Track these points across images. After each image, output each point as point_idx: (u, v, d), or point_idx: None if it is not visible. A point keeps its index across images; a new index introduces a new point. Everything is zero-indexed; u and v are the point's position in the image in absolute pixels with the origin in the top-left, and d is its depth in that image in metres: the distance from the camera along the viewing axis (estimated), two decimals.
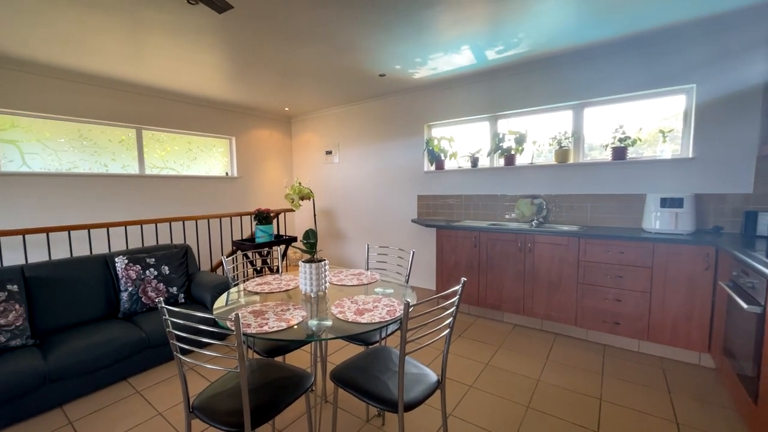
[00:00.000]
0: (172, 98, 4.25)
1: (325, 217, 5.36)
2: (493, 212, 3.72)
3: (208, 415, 1.30)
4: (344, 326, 1.43)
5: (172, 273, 2.80)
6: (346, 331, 1.41)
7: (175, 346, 1.29)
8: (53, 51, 2.88)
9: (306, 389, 1.45)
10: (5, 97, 3.15)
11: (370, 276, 2.16)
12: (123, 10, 2.26)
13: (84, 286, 2.49)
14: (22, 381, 1.85)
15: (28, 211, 3.29)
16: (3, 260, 2.87)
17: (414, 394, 1.39)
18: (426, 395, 1.39)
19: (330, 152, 5.20)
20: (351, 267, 5.08)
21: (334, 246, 5.30)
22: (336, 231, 5.24)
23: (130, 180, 3.97)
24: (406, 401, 1.33)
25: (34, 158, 3.45)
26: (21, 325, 2.12)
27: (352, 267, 5.08)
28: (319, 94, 4.34)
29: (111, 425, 1.85)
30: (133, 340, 2.28)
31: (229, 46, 2.84)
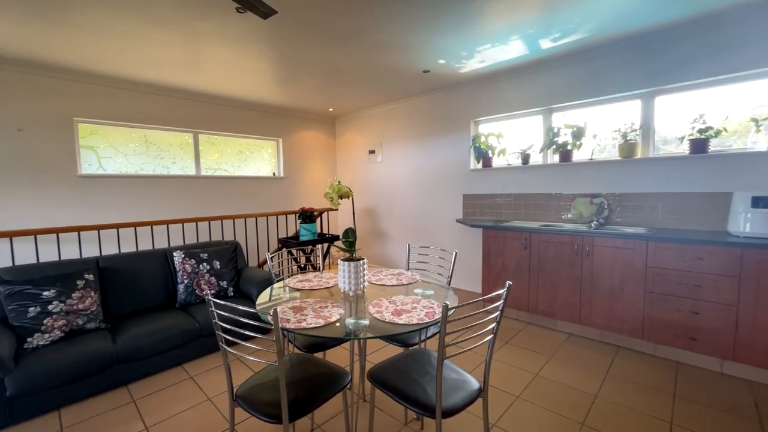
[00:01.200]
0: (224, 103, 4.58)
1: (368, 216, 5.44)
2: (545, 212, 3.50)
3: (250, 404, 1.37)
4: (381, 326, 1.43)
5: (223, 268, 3.01)
6: (382, 331, 1.41)
7: (220, 337, 1.38)
8: (123, 65, 3.24)
9: (342, 387, 1.47)
10: (87, 109, 3.62)
11: (410, 276, 2.14)
12: (179, 24, 2.48)
13: (147, 277, 2.77)
14: (96, 360, 2.11)
15: (103, 208, 3.75)
16: (82, 252, 3.28)
17: (453, 400, 1.34)
18: (466, 402, 1.34)
19: (373, 151, 5.26)
20: (393, 267, 5.10)
21: (376, 246, 5.36)
22: (378, 231, 5.29)
23: (188, 180, 4.35)
24: (445, 407, 1.30)
25: (109, 162, 3.91)
26: (95, 310, 2.41)
27: (394, 267, 5.10)
28: (363, 94, 4.40)
29: (167, 406, 2.04)
30: (189, 328, 2.49)
31: (275, 51, 2.99)
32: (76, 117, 3.57)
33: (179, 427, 1.85)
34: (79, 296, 2.35)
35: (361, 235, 5.58)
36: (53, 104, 3.42)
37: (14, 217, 3.26)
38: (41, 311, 2.19)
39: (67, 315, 2.26)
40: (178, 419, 1.92)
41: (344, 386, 1.48)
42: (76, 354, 2.06)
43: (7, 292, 2.17)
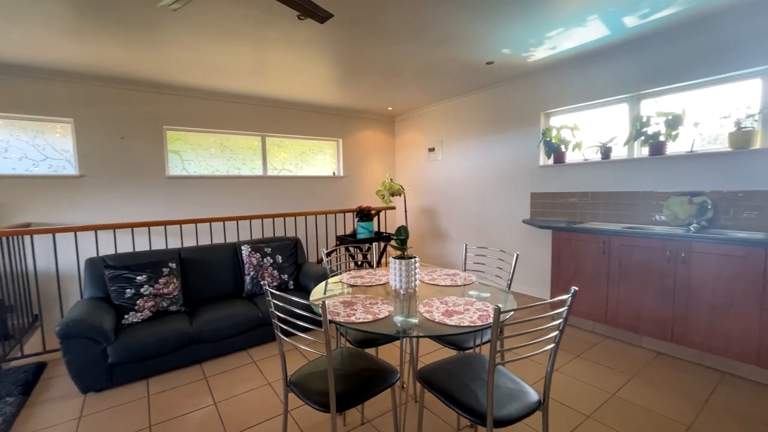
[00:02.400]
0: (288, 107, 4.94)
1: (426, 216, 5.42)
2: (629, 213, 3.14)
3: (302, 391, 1.46)
4: (430, 326, 1.42)
5: (284, 262, 3.25)
6: (431, 331, 1.40)
7: (276, 325, 1.50)
8: (200, 76, 3.67)
9: (390, 384, 1.49)
10: (173, 118, 4.18)
11: (465, 277, 2.09)
12: (248, 35, 2.74)
13: (219, 268, 3.11)
14: (176, 338, 2.43)
15: (185, 205, 4.29)
16: (167, 243, 3.79)
17: (507, 410, 1.28)
18: (522, 414, 1.27)
19: (433, 149, 5.23)
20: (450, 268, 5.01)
21: (434, 245, 5.32)
22: (437, 230, 5.25)
23: (256, 180, 4.78)
24: (497, 416, 1.24)
25: (190, 164, 4.46)
26: (177, 295, 2.78)
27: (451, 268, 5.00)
28: (422, 91, 4.40)
29: (233, 386, 2.27)
30: (253, 317, 2.74)
31: (334, 54, 3.14)
32: (165, 125, 4.14)
33: (242, 407, 2.05)
34: (164, 282, 2.72)
35: (418, 234, 5.58)
36: (147, 115, 4.02)
37: (116, 212, 3.90)
38: (135, 293, 2.58)
39: (154, 297, 2.65)
40: (241, 399, 2.13)
41: (392, 383, 1.50)
42: (161, 332, 2.40)
43: (110, 275, 2.60)
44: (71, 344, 2.12)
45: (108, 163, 3.83)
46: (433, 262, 5.32)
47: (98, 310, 2.36)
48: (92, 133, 3.74)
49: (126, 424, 1.93)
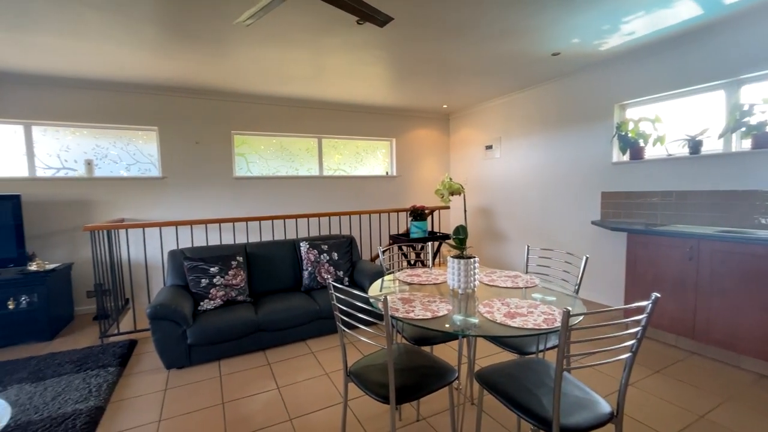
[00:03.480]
0: (344, 109, 5.14)
1: (483, 215, 5.30)
2: (726, 215, 2.80)
3: (362, 382, 1.53)
4: (491, 326, 1.41)
5: (340, 259, 3.40)
6: (492, 332, 1.38)
7: (338, 317, 1.59)
8: (263, 84, 3.97)
9: (449, 382, 1.50)
10: (240, 123, 4.57)
11: (527, 280, 2.02)
12: (308, 42, 2.91)
13: (280, 263, 3.34)
14: (244, 326, 2.67)
15: (250, 203, 4.66)
16: (235, 238, 4.16)
17: (575, 419, 1.23)
18: (591, 425, 1.21)
19: (490, 147, 5.10)
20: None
21: (492, 247, 5.18)
22: (495, 231, 5.10)
23: (312, 180, 5.04)
24: (564, 424, 1.20)
25: (254, 166, 4.84)
26: (244, 287, 3.04)
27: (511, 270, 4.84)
28: (480, 87, 4.32)
29: (293, 373, 2.44)
30: (311, 309, 2.91)
31: (391, 54, 3.21)
32: (233, 130, 4.55)
33: (301, 393, 2.20)
34: (233, 274, 3.00)
35: (474, 235, 5.47)
36: (217, 121, 4.44)
37: (191, 209, 4.36)
38: (209, 283, 2.88)
39: (225, 288, 2.93)
40: (301, 386, 2.28)
41: (450, 381, 1.51)
42: (231, 319, 2.66)
43: (189, 265, 2.93)
44: (159, 325, 2.44)
45: (185, 166, 4.31)
46: (491, 265, 5.18)
47: (179, 296, 2.67)
48: (173, 139, 4.23)
49: (203, 399, 2.17)
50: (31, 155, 3.76)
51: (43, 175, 3.81)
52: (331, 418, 1.96)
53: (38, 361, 2.63)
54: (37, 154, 3.80)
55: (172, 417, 2.00)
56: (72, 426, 1.86)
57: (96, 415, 1.97)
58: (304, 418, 1.96)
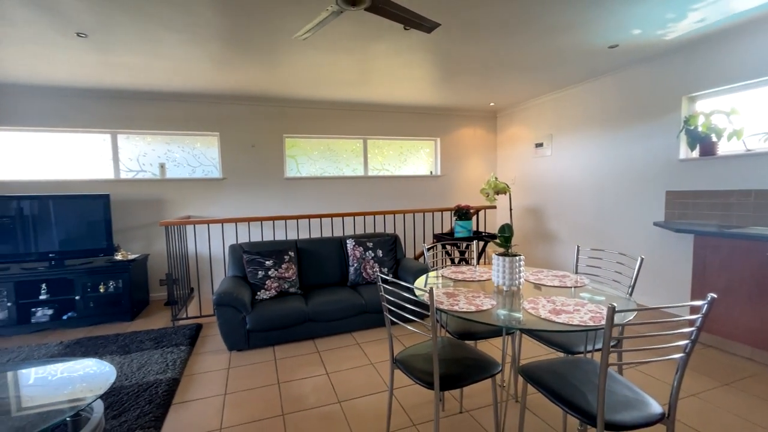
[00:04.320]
0: (388, 110, 5.28)
1: (531, 215, 5.17)
2: None
3: (407, 369, 1.63)
4: (535, 322, 1.44)
5: (384, 256, 3.53)
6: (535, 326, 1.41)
7: (385, 308, 1.70)
8: (312, 89, 4.20)
9: (492, 374, 1.55)
10: (291, 127, 4.87)
11: (576, 279, 2.00)
12: (356, 49, 3.06)
13: (327, 258, 3.54)
14: (295, 315, 2.89)
15: (299, 202, 4.96)
16: (287, 235, 4.45)
17: (622, 416, 1.23)
18: (639, 423, 1.21)
19: (540, 145, 4.97)
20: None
21: (540, 248, 5.04)
22: (543, 231, 4.96)
23: (357, 180, 5.24)
24: (611, 420, 1.21)
25: (303, 167, 5.14)
26: (295, 279, 3.27)
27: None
28: (529, 83, 4.24)
29: (340, 361, 2.60)
30: (357, 303, 3.07)
31: (437, 56, 3.28)
32: (284, 134, 4.87)
33: (348, 380, 2.35)
34: (285, 267, 3.24)
35: (521, 235, 5.35)
36: (271, 125, 4.78)
37: (247, 207, 4.73)
38: (264, 275, 3.14)
39: (278, 280, 3.17)
40: (348, 373, 2.43)
41: (494, 373, 1.56)
42: (284, 309, 2.88)
43: (247, 258, 3.21)
44: (223, 311, 2.72)
45: (242, 168, 4.69)
46: (539, 265, 5.03)
47: (239, 286, 2.95)
48: (231, 143, 4.63)
49: (261, 378, 2.40)
50: (116, 160, 4.32)
51: (125, 177, 4.36)
52: (376, 404, 2.08)
53: (124, 337, 3.05)
54: (120, 158, 4.36)
55: (235, 392, 2.24)
56: (155, 392, 2.17)
57: (173, 385, 2.27)
58: (352, 402, 2.10)
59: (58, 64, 3.21)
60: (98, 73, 3.49)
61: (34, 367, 1.83)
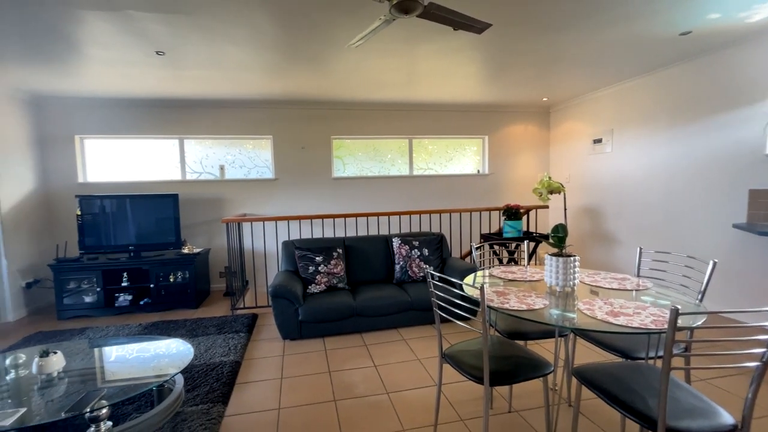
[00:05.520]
0: (434, 109, 5.30)
1: (588, 216, 4.94)
2: None
3: (456, 363, 1.68)
4: (590, 323, 1.42)
5: (430, 255, 3.58)
6: (590, 327, 1.39)
7: (435, 303, 1.76)
8: (360, 91, 4.34)
9: (543, 373, 1.55)
10: (338, 129, 5.07)
11: (637, 283, 1.92)
12: (404, 51, 3.14)
13: (374, 256, 3.66)
14: (343, 309, 3.04)
15: (346, 201, 5.14)
16: (335, 232, 4.64)
17: (687, 423, 1.19)
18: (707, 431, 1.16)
19: (599, 140, 4.73)
20: None
21: (597, 250, 4.80)
22: (601, 233, 4.72)
23: (402, 180, 5.32)
24: (674, 426, 1.17)
25: (349, 167, 5.32)
26: (342, 275, 3.43)
27: None
28: (587, 76, 4.05)
29: (387, 355, 2.70)
30: (403, 300, 3.15)
31: (486, 55, 3.27)
32: (332, 135, 5.08)
33: (396, 373, 2.44)
34: (334, 263, 3.40)
35: (577, 236, 5.12)
36: (319, 128, 5.01)
37: (297, 206, 5.00)
38: (315, 270, 3.33)
39: (327, 275, 3.34)
40: (395, 366, 2.52)
41: (545, 373, 1.56)
42: (333, 303, 3.04)
43: (299, 254, 3.42)
44: (278, 302, 2.94)
45: (292, 169, 4.97)
46: (596, 268, 4.78)
47: (292, 280, 3.16)
48: (283, 145, 4.92)
49: (313, 366, 2.57)
50: (183, 162, 4.77)
51: (190, 178, 4.80)
52: (423, 397, 2.15)
53: (191, 322, 3.40)
54: (186, 161, 4.81)
55: (290, 377, 2.43)
56: (221, 372, 2.41)
57: (236, 367, 2.51)
58: (400, 394, 2.18)
59: (138, 79, 3.64)
60: (170, 85, 3.90)
61: (128, 343, 2.13)
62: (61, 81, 3.66)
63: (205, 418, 1.94)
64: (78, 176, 4.44)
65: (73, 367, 1.84)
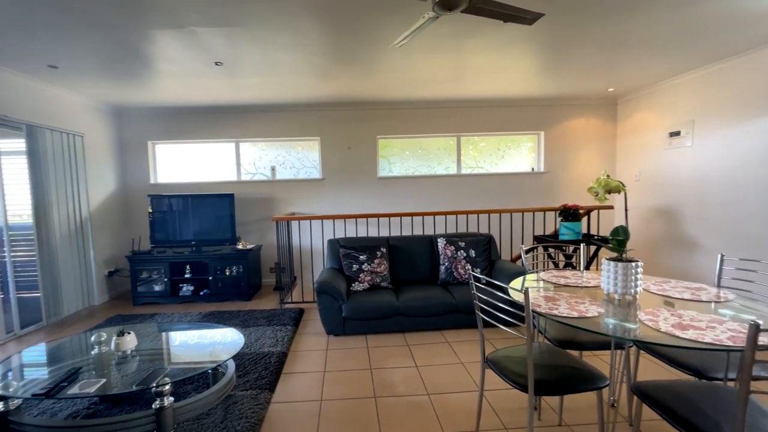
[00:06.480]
0: (484, 105, 5.15)
1: (662, 218, 4.49)
2: None
3: (499, 369, 1.62)
4: (652, 335, 1.29)
5: (477, 257, 3.49)
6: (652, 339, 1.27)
7: (477, 306, 1.72)
8: (406, 90, 4.34)
9: (597, 387, 1.45)
10: (384, 128, 5.12)
11: (716, 294, 1.72)
12: (451, 47, 3.09)
13: (417, 256, 3.65)
14: (386, 308, 3.07)
15: (391, 201, 5.18)
16: (379, 231, 4.70)
17: None
18: None
19: (677, 133, 4.28)
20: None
21: (672, 256, 4.35)
22: (678, 237, 4.27)
23: (449, 179, 5.24)
24: None
25: (395, 166, 5.35)
26: (386, 274, 3.46)
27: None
28: (662, 62, 3.65)
29: (430, 357, 2.69)
30: (447, 302, 3.11)
31: (541, 45, 3.11)
32: (378, 135, 5.14)
33: (438, 375, 2.42)
34: (377, 262, 3.45)
35: (647, 241, 4.68)
36: (365, 128, 5.10)
37: (343, 205, 5.14)
38: (358, 268, 3.40)
39: (371, 274, 3.40)
40: (437, 369, 2.50)
41: (599, 387, 1.45)
42: (376, 301, 3.09)
43: (343, 252, 3.52)
44: (322, 298, 3.05)
45: (339, 169, 5.11)
46: (669, 276, 4.35)
47: (337, 277, 3.26)
48: (330, 146, 5.09)
49: (355, 362, 2.64)
50: (238, 164, 5.13)
51: (245, 178, 5.15)
52: (465, 402, 2.11)
53: (243, 314, 3.65)
54: (241, 162, 5.16)
55: (333, 370, 2.52)
56: (269, 361, 2.58)
57: (282, 358, 2.66)
58: (441, 396, 2.16)
59: (200, 88, 3.99)
60: (227, 93, 4.21)
61: (189, 329, 2.37)
62: (136, 93, 4.13)
63: (253, 403, 2.08)
64: (150, 177, 4.96)
65: (143, 347, 2.07)
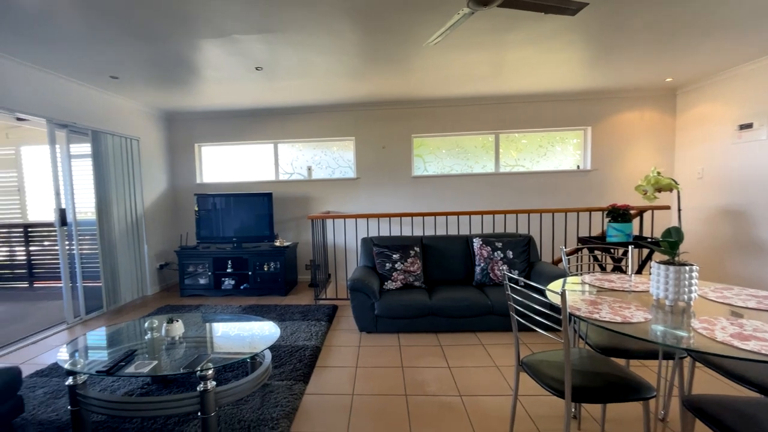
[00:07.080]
0: (525, 100, 4.98)
1: (729, 219, 4.11)
2: None
3: (535, 373, 1.57)
4: (708, 345, 1.19)
5: (515, 258, 3.39)
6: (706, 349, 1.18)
7: (511, 307, 1.68)
8: (441, 88, 4.30)
9: (642, 397, 1.37)
10: (418, 127, 5.09)
11: None
12: (489, 43, 3.03)
13: (452, 256, 3.60)
14: (419, 307, 3.07)
15: (425, 200, 5.16)
16: (413, 231, 4.71)
17: None
18: None
19: (748, 126, 3.89)
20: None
21: (740, 262, 3.98)
22: (748, 241, 3.90)
23: (487, 177, 5.12)
24: None
25: (430, 165, 5.31)
26: (420, 274, 3.45)
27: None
28: (728, 48, 3.32)
29: (463, 358, 2.66)
30: (482, 303, 3.06)
31: (587, 36, 2.96)
32: (413, 134, 5.13)
33: (470, 377, 2.39)
34: (411, 261, 3.45)
35: (711, 245, 4.31)
36: (400, 127, 5.11)
37: (377, 204, 5.18)
38: (391, 267, 3.42)
39: (404, 273, 3.40)
40: (470, 370, 2.47)
41: (645, 397, 1.37)
42: (409, 300, 3.09)
43: (377, 251, 3.55)
44: (355, 295, 3.10)
45: (373, 168, 5.16)
46: (734, 283, 3.97)
47: (370, 275, 3.30)
48: (365, 145, 5.15)
49: (387, 359, 2.67)
50: (276, 164, 5.34)
51: (282, 178, 5.35)
52: (499, 405, 2.06)
53: (280, 308, 3.80)
54: (279, 163, 5.37)
55: (365, 366, 2.56)
56: (303, 354, 2.68)
57: (316, 352, 2.75)
58: (474, 398, 2.13)
59: (241, 92, 4.21)
60: (267, 96, 4.41)
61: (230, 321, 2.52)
62: (184, 99, 4.43)
63: (288, 393, 2.18)
64: (196, 177, 5.29)
65: (189, 335, 2.23)
